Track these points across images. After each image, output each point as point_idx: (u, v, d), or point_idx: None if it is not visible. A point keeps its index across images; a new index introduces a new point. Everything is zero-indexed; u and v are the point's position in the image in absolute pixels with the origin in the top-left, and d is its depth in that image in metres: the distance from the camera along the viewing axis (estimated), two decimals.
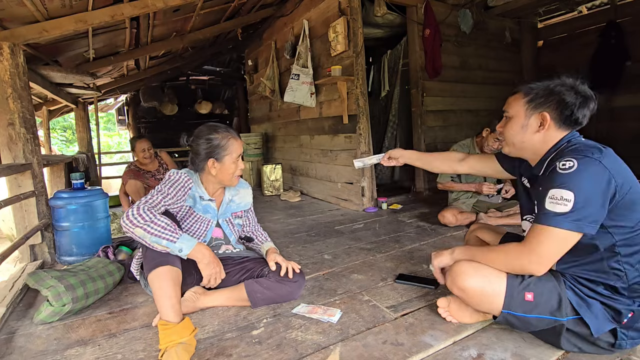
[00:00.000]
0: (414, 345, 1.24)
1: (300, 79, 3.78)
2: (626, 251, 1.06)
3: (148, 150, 3.25)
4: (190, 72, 7.41)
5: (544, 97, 1.14)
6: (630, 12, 4.12)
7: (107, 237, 2.38)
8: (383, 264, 2.02)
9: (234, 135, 1.58)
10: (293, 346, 1.26)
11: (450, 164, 1.59)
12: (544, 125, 1.14)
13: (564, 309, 1.09)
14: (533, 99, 1.16)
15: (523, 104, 1.18)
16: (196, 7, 3.35)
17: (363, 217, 3.16)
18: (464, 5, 4.11)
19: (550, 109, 1.14)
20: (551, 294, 1.11)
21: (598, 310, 1.08)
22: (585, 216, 1.00)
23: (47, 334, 1.41)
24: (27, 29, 2.26)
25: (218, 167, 1.54)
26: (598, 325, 1.07)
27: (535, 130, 1.16)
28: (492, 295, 1.14)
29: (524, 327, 1.17)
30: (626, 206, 1.03)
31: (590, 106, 1.13)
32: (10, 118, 2.17)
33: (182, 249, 1.32)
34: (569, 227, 1.01)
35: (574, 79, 1.13)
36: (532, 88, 1.17)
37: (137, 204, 1.35)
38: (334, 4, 3.40)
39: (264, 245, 1.75)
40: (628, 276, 1.07)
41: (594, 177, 1.00)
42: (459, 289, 1.20)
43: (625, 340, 1.09)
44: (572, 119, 1.13)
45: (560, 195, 1.02)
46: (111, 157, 11.49)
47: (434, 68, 3.79)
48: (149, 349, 1.28)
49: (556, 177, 1.04)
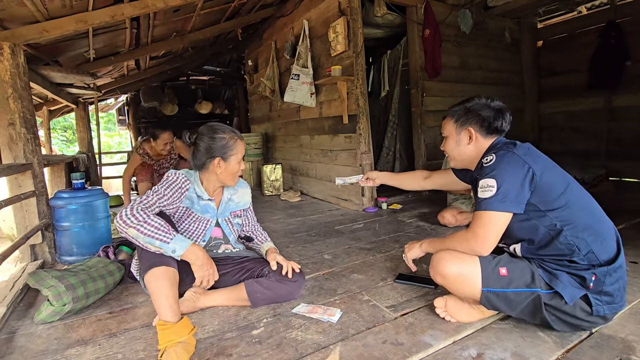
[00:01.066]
0: (413, 345, 1.24)
1: (300, 79, 3.79)
2: (568, 227, 1.20)
3: (170, 144, 3.32)
4: (190, 72, 7.41)
5: (465, 115, 1.40)
6: (630, 12, 4.12)
7: (107, 237, 2.38)
8: (383, 263, 2.02)
9: (240, 135, 1.61)
10: (293, 346, 1.26)
11: (417, 181, 1.82)
12: (472, 137, 1.39)
13: (537, 282, 1.21)
14: (458, 119, 1.42)
15: (452, 124, 1.44)
16: (196, 7, 3.35)
17: (363, 217, 3.16)
18: (463, 5, 4.11)
19: (472, 123, 1.39)
20: (524, 269, 1.24)
21: (565, 279, 1.19)
22: (508, 197, 1.18)
23: (48, 333, 1.42)
24: (28, 29, 2.26)
25: (223, 167, 1.55)
26: (570, 292, 1.17)
27: (466, 143, 1.41)
28: (470, 276, 1.25)
29: (508, 307, 1.24)
30: (547, 184, 1.20)
31: (506, 116, 1.37)
32: (10, 118, 2.17)
33: (176, 250, 1.32)
34: (497, 208, 1.19)
35: (485, 98, 1.38)
36: (455, 111, 1.44)
37: (131, 204, 1.35)
38: (334, 4, 3.40)
39: (263, 245, 1.75)
40: (580, 247, 1.19)
41: (510, 165, 1.21)
42: (441, 276, 1.31)
43: (601, 304, 1.18)
44: (493, 128, 1.36)
45: (486, 184, 1.22)
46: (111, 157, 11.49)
47: (433, 68, 3.79)
48: (149, 349, 1.28)
49: (482, 170, 1.27)
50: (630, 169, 4.30)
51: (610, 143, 4.48)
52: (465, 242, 1.28)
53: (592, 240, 1.19)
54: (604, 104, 4.46)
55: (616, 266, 1.19)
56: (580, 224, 1.20)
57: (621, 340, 1.22)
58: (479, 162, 1.36)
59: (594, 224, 1.22)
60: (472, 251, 1.26)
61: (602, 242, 1.20)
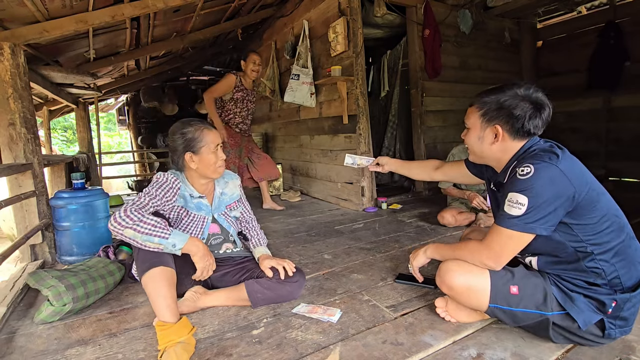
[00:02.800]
0: (413, 344, 1.25)
1: (300, 79, 3.79)
2: (598, 250, 1.09)
3: (258, 65, 3.27)
4: (190, 72, 7.41)
5: (495, 111, 1.19)
6: (630, 12, 4.12)
7: (107, 237, 2.38)
8: (383, 263, 2.03)
9: (207, 126, 1.56)
10: (293, 346, 1.26)
11: (428, 171, 1.69)
12: (498, 137, 1.20)
13: (549, 304, 1.13)
14: (486, 113, 1.21)
15: (478, 116, 1.23)
16: (196, 7, 3.36)
17: (363, 217, 3.16)
18: (463, 5, 4.11)
19: (502, 122, 1.18)
20: (536, 288, 1.16)
21: (582, 303, 1.12)
22: (537, 219, 1.06)
23: (48, 333, 1.42)
24: (28, 29, 2.26)
25: (197, 160, 1.53)
26: (585, 317, 1.10)
27: (491, 142, 1.22)
28: (478, 290, 1.19)
29: (512, 321, 1.20)
30: (586, 205, 1.07)
31: (544, 115, 1.15)
32: (11, 118, 2.17)
33: (176, 244, 1.33)
34: (519, 229, 1.08)
35: (527, 88, 1.15)
36: (485, 102, 1.21)
37: (124, 207, 1.34)
38: (333, 4, 3.41)
39: (256, 251, 1.72)
40: (606, 272, 1.10)
41: (550, 184, 1.05)
42: (448, 287, 1.25)
43: (614, 329, 1.12)
44: (524, 131, 1.17)
45: (516, 199, 1.08)
46: (112, 157, 11.50)
47: (433, 68, 3.79)
48: (149, 349, 1.28)
49: (515, 182, 1.10)
50: (630, 169, 4.31)
51: (610, 143, 4.48)
52: (477, 255, 1.19)
53: (621, 266, 1.10)
54: (603, 104, 4.47)
55: (638, 293, 1.11)
56: (614, 249, 1.09)
57: (621, 340, 1.22)
58: (511, 169, 1.18)
59: (627, 248, 1.11)
60: (484, 265, 1.19)
61: (631, 267, 1.11)
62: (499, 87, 1.20)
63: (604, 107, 4.47)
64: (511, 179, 1.14)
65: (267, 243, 1.82)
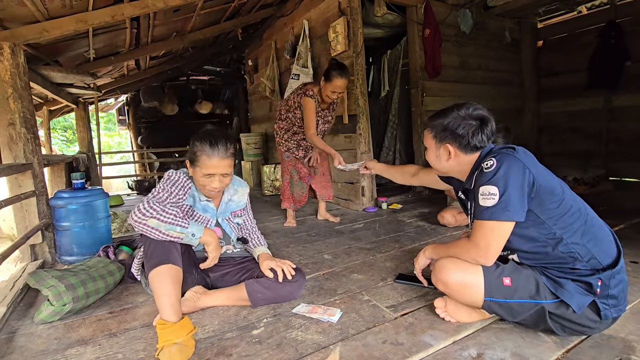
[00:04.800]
0: (413, 345, 1.24)
1: (300, 79, 3.78)
2: (567, 233, 1.16)
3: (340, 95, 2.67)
4: (190, 72, 7.41)
5: (442, 132, 1.31)
6: (630, 12, 4.12)
7: (107, 237, 2.38)
8: (383, 263, 2.02)
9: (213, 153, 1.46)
10: (293, 346, 1.26)
11: (406, 177, 1.82)
12: (452, 154, 1.31)
13: (542, 292, 1.18)
14: (436, 135, 1.33)
15: (431, 138, 1.35)
16: (196, 7, 3.35)
17: (363, 217, 3.16)
18: (463, 5, 4.11)
19: (450, 141, 1.29)
20: (528, 279, 1.21)
21: (571, 287, 1.16)
22: (511, 205, 1.12)
23: (48, 333, 1.42)
24: (28, 29, 2.26)
25: (191, 171, 1.54)
26: (577, 301, 1.14)
27: (446, 159, 1.33)
28: (472, 286, 1.22)
29: (509, 315, 1.23)
30: (546, 192, 1.15)
31: (486, 130, 1.26)
32: (10, 118, 2.17)
33: (195, 233, 1.41)
34: (499, 218, 1.14)
35: (467, 108, 1.27)
36: (433, 125, 1.34)
37: (145, 200, 1.39)
38: (334, 4, 3.40)
39: (256, 250, 1.74)
40: (581, 255, 1.16)
41: (512, 170, 1.14)
42: (443, 284, 1.29)
43: (608, 308, 1.15)
44: (472, 146, 1.27)
45: (487, 191, 1.16)
46: (111, 157, 11.50)
47: (433, 68, 3.79)
48: (149, 349, 1.28)
49: (482, 176, 1.19)
50: (630, 168, 4.30)
51: (610, 143, 4.48)
52: (466, 253, 1.24)
53: (592, 245, 1.16)
54: (604, 104, 4.46)
55: (619, 268, 1.17)
56: (579, 230, 1.16)
57: (621, 340, 1.22)
58: (477, 168, 1.26)
59: (591, 228, 1.19)
60: (475, 261, 1.22)
61: (602, 245, 1.18)
62: (442, 110, 1.33)
63: (604, 106, 4.47)
64: (477, 178, 1.22)
65: (267, 245, 1.82)
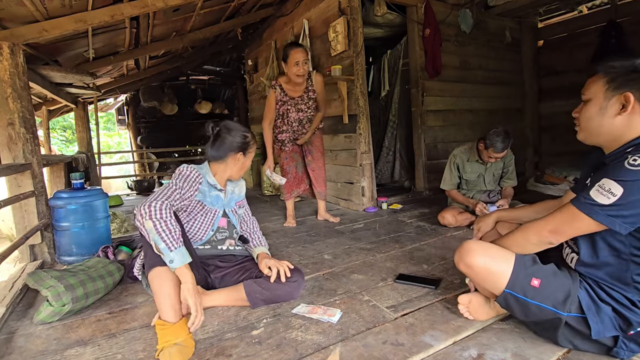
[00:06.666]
0: (414, 345, 1.24)
1: None
2: None
3: (303, 65, 2.44)
4: (190, 71, 7.40)
5: (629, 75, 1.01)
6: (631, 11, 4.11)
7: (106, 237, 2.38)
8: (383, 264, 2.02)
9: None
10: (293, 346, 1.26)
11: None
12: (627, 107, 1.01)
13: (568, 305, 1.08)
14: (613, 79, 1.04)
15: (602, 84, 1.06)
16: (196, 6, 3.35)
17: (363, 217, 3.15)
18: (464, 4, 4.10)
19: (634, 89, 1.00)
20: (561, 287, 1.10)
21: (606, 316, 1.05)
22: (622, 215, 0.95)
23: (47, 334, 1.41)
24: (27, 28, 2.26)
25: (242, 161, 1.66)
26: (600, 329, 1.05)
27: (615, 113, 1.03)
28: (497, 273, 1.15)
29: (522, 314, 1.16)
30: None
31: None
32: (10, 118, 2.16)
33: (173, 261, 1.27)
34: (601, 221, 0.97)
35: None
36: (613, 67, 1.05)
37: (161, 198, 1.35)
38: (334, 4, 3.40)
39: (255, 250, 1.74)
40: None
41: None
42: (466, 265, 1.23)
43: (624, 350, 1.07)
44: None
45: (609, 187, 0.96)
46: (111, 157, 11.49)
47: (434, 68, 3.78)
48: (148, 349, 1.28)
49: (618, 169, 0.97)
50: None
51: None
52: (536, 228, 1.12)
53: None
54: None
55: None
56: None
57: None
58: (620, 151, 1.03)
59: None
60: (539, 232, 1.11)
61: None
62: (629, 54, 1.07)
63: None
64: (614, 164, 1.00)
65: (267, 247, 1.82)
